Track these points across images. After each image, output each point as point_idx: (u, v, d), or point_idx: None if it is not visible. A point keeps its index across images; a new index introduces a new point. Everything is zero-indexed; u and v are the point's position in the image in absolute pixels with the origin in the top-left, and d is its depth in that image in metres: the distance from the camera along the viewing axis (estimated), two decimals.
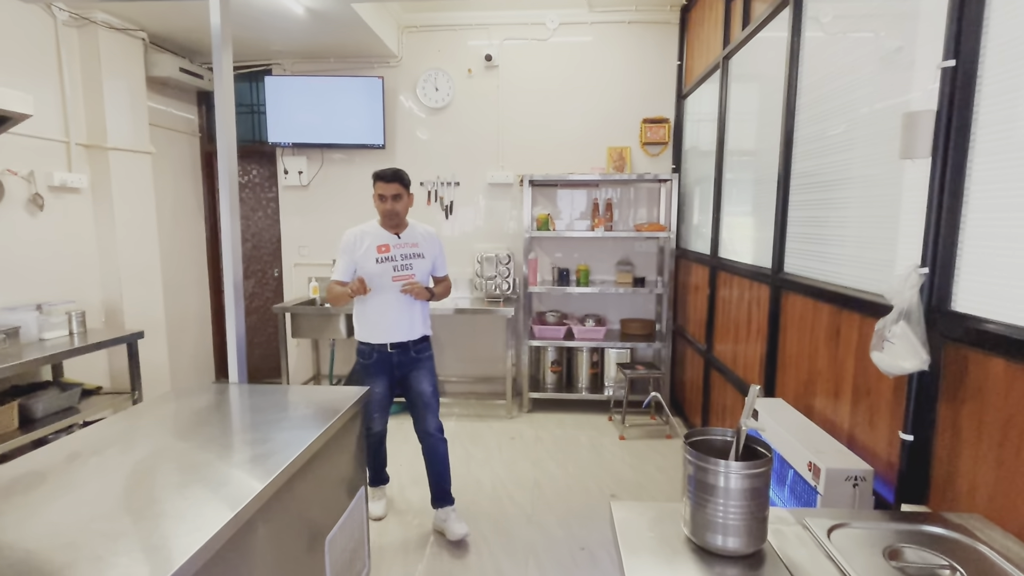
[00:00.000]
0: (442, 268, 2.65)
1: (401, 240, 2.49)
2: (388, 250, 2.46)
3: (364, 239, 2.45)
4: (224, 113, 1.98)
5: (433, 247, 2.57)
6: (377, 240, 2.46)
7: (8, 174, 2.84)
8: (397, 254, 2.47)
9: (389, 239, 2.47)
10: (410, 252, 2.49)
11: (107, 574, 0.94)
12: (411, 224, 2.56)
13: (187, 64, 3.93)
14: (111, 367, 3.47)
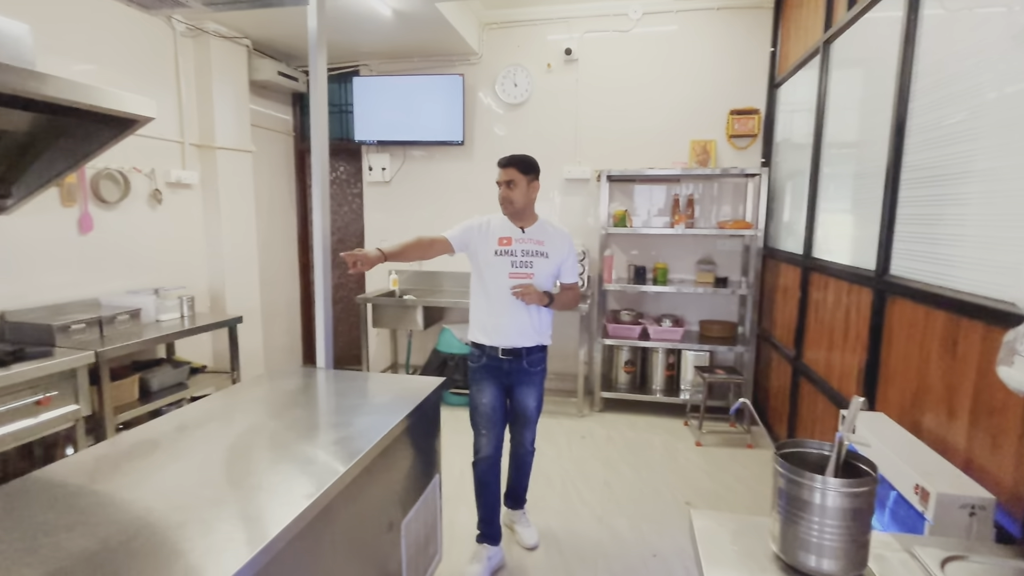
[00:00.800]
0: (571, 274, 2.32)
1: (525, 235, 2.24)
2: (509, 243, 2.22)
3: (490, 225, 2.27)
4: (318, 112, 2.09)
5: (561, 248, 2.26)
6: (501, 231, 2.24)
7: (134, 172, 3.17)
8: (518, 249, 2.22)
9: (513, 231, 2.24)
10: (533, 249, 2.22)
11: (212, 536, 1.02)
12: (541, 221, 2.30)
13: (284, 68, 4.20)
14: (214, 348, 3.79)
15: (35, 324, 2.49)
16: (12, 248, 2.60)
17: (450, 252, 2.31)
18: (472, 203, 4.41)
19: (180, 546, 0.99)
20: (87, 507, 1.14)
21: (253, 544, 0.99)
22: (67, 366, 2.29)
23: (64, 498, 1.18)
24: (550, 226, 2.32)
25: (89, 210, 2.94)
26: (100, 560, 0.96)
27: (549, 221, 2.34)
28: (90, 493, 1.21)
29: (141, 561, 0.95)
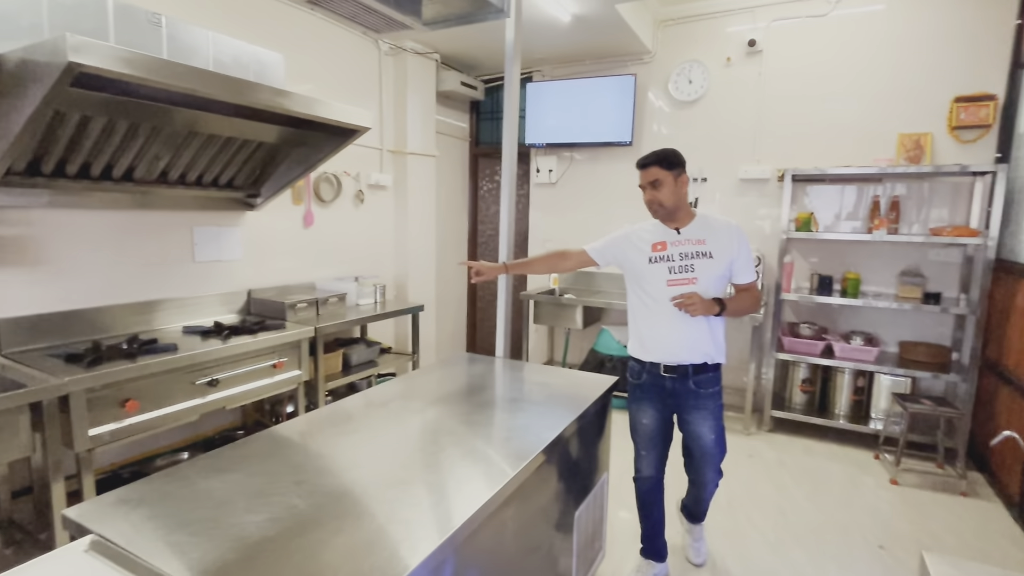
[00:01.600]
0: (745, 273, 2.02)
1: (681, 236, 1.99)
2: (664, 248, 1.99)
3: (642, 235, 2.06)
4: (510, 115, 2.23)
5: (729, 245, 1.97)
6: (653, 236, 2.02)
7: (344, 175, 3.67)
8: (675, 253, 1.98)
9: (667, 235, 2.00)
10: (692, 250, 1.96)
11: (405, 514, 1.15)
12: (700, 216, 2.03)
13: (466, 78, 4.53)
14: (396, 332, 4.23)
15: (272, 301, 3.01)
16: (257, 238, 3.17)
17: (592, 265, 2.22)
18: (637, 205, 4.33)
19: (377, 514, 1.13)
20: (327, 458, 1.35)
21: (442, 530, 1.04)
22: (295, 338, 2.74)
23: (309, 448, 1.42)
24: (713, 220, 2.03)
25: (311, 208, 3.47)
26: (337, 500, 1.13)
27: (710, 215, 2.06)
28: (321, 448, 1.43)
29: (372, 507, 1.11)
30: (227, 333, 2.56)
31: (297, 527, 1.05)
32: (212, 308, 2.94)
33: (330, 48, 3.50)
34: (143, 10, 2.16)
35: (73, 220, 2.36)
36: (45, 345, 2.28)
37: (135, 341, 2.35)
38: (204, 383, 2.34)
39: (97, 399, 1.99)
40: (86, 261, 2.42)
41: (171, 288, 2.76)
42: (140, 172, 2.43)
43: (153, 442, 2.70)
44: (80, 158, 2.19)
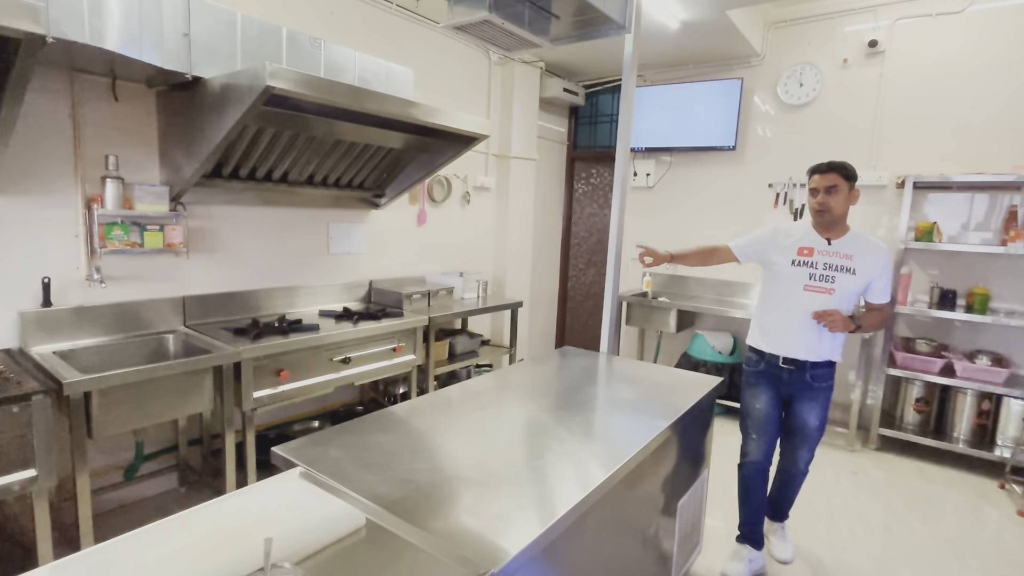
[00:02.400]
0: (882, 293, 2.12)
1: (831, 247, 2.09)
2: (811, 254, 2.10)
3: (791, 234, 2.17)
4: (624, 122, 2.35)
5: (873, 265, 2.06)
6: (802, 241, 2.13)
7: (454, 178, 3.95)
8: (820, 261, 2.08)
9: (816, 243, 2.11)
10: (838, 263, 2.06)
11: (509, 500, 1.30)
12: (852, 233, 2.12)
13: (568, 84, 4.69)
14: (492, 325, 4.47)
15: (391, 291, 3.33)
16: (380, 234, 3.51)
17: (734, 261, 2.35)
18: (738, 210, 4.29)
19: (480, 497, 1.29)
20: (443, 435, 1.55)
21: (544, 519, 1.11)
22: (411, 325, 3.02)
23: (425, 426, 1.63)
24: (863, 239, 2.12)
25: (425, 207, 3.77)
26: (459, 479, 1.31)
27: (862, 234, 2.14)
28: (442, 430, 1.63)
29: (474, 489, 1.28)
30: (356, 318, 2.88)
31: (455, 477, 1.24)
32: (340, 295, 3.30)
33: (447, 60, 3.79)
34: (307, 35, 2.51)
35: (239, 215, 2.77)
36: (216, 320, 2.70)
37: (284, 320, 2.71)
38: (339, 360, 2.66)
39: (259, 367, 2.35)
40: (247, 250, 2.83)
41: (309, 276, 3.14)
42: (293, 175, 2.81)
43: (289, 411, 3.09)
44: (250, 163, 2.57)
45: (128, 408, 1.97)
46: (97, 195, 2.22)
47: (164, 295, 2.51)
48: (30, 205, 2.11)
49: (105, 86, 2.26)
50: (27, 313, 2.11)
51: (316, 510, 1.10)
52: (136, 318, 2.43)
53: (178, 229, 2.44)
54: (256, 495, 1.15)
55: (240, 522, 1.05)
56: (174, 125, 2.37)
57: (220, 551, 0.96)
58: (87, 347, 2.23)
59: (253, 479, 2.41)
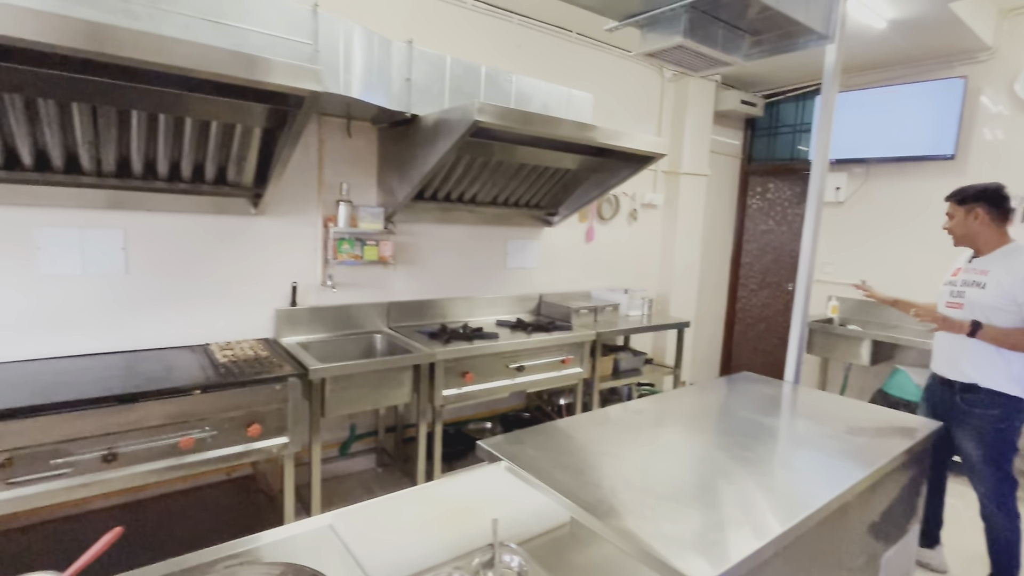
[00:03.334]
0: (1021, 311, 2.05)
1: (972, 264, 2.22)
2: (957, 273, 2.29)
3: (957, 261, 2.36)
4: (823, 134, 2.20)
5: (1006, 279, 2.06)
6: (958, 262, 2.33)
7: (623, 195, 4.00)
8: (959, 279, 2.25)
9: (963, 264, 2.28)
10: (971, 279, 2.18)
11: (683, 526, 1.27)
12: (1005, 249, 2.16)
13: (746, 95, 4.47)
14: (653, 344, 4.40)
15: (559, 305, 3.47)
16: (550, 250, 3.68)
17: None
18: None
19: (675, 513, 1.27)
20: (624, 450, 1.58)
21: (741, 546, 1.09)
22: (580, 339, 3.12)
23: (603, 439, 1.66)
24: (1009, 254, 2.12)
25: (593, 225, 3.88)
26: (647, 493, 1.32)
27: (1017, 248, 2.14)
28: (615, 442, 1.66)
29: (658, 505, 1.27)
30: (530, 329, 3.06)
31: (643, 490, 1.29)
32: (512, 306, 3.53)
33: (621, 80, 3.87)
34: (502, 71, 2.77)
35: (433, 232, 3.13)
36: (411, 323, 3.08)
37: (467, 327, 2.99)
38: (514, 368, 2.85)
39: (449, 368, 2.62)
40: (438, 263, 3.18)
41: (486, 288, 3.41)
42: (480, 196, 3.10)
43: (465, 411, 3.38)
44: (447, 187, 2.90)
45: (350, 394, 2.34)
46: (332, 216, 2.69)
47: (374, 300, 2.94)
48: (286, 224, 2.63)
49: (341, 125, 2.73)
50: (280, 311, 2.63)
51: (525, 501, 1.23)
52: (352, 318, 2.87)
53: (389, 244, 2.84)
54: (472, 481, 1.32)
55: (464, 502, 1.21)
56: (390, 156, 2.77)
57: (452, 524, 1.12)
58: (318, 340, 2.70)
59: (439, 467, 2.69)
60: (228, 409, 1.99)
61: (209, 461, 1.95)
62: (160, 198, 2.28)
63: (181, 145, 2.10)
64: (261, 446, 2.06)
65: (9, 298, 2.07)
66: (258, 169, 2.34)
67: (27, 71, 1.62)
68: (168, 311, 2.38)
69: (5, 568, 1.98)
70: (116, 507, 2.35)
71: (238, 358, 2.24)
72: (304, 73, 1.74)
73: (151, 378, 1.99)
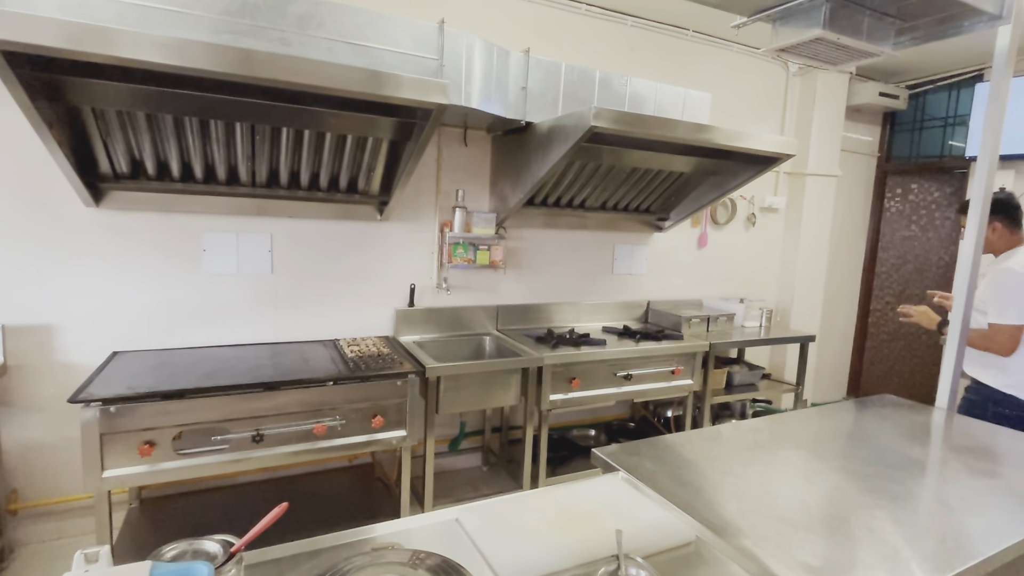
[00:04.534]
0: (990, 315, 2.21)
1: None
2: None
3: None
4: (993, 127, 1.93)
5: (987, 285, 2.26)
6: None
7: (740, 199, 3.77)
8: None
9: None
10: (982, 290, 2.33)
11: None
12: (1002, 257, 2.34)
13: (885, 87, 4.04)
14: (771, 358, 4.10)
15: (669, 313, 3.35)
16: (659, 256, 3.57)
17: None
18: None
19: (810, 544, 1.14)
20: (746, 471, 1.46)
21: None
22: (692, 349, 2.98)
23: (721, 458, 1.56)
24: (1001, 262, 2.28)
25: (707, 230, 3.70)
26: (768, 513, 1.21)
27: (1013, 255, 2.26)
28: (735, 461, 1.54)
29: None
30: (638, 336, 2.99)
31: (772, 516, 1.20)
32: (619, 313, 3.46)
33: (741, 76, 3.66)
34: (615, 75, 2.74)
35: (541, 237, 3.16)
36: (519, 327, 3.13)
37: (574, 333, 2.98)
38: (622, 376, 2.79)
39: (556, 373, 2.63)
40: (545, 268, 3.20)
41: (593, 293, 3.38)
42: (589, 201, 3.08)
43: (570, 416, 3.37)
44: (557, 192, 2.92)
45: (462, 393, 2.43)
46: (448, 221, 2.82)
47: (484, 303, 3.03)
48: (407, 229, 2.79)
49: (458, 135, 2.85)
50: (400, 311, 2.79)
51: (646, 515, 1.19)
52: (463, 320, 2.98)
53: (499, 249, 2.92)
54: (590, 489, 1.31)
55: (584, 509, 1.20)
56: (503, 163, 2.84)
57: (575, 530, 1.12)
58: (432, 340, 2.83)
59: (543, 471, 2.71)
60: (355, 401, 2.15)
61: (338, 448, 2.11)
62: (300, 206, 2.53)
63: (321, 158, 2.31)
64: (382, 437, 2.20)
65: (184, 294, 2.40)
66: (384, 179, 2.51)
67: (200, 96, 1.87)
68: (304, 308, 2.62)
69: (178, 525, 2.29)
70: (259, 483, 2.63)
71: (364, 354, 2.41)
72: (432, 87, 1.84)
73: (291, 369, 2.20)
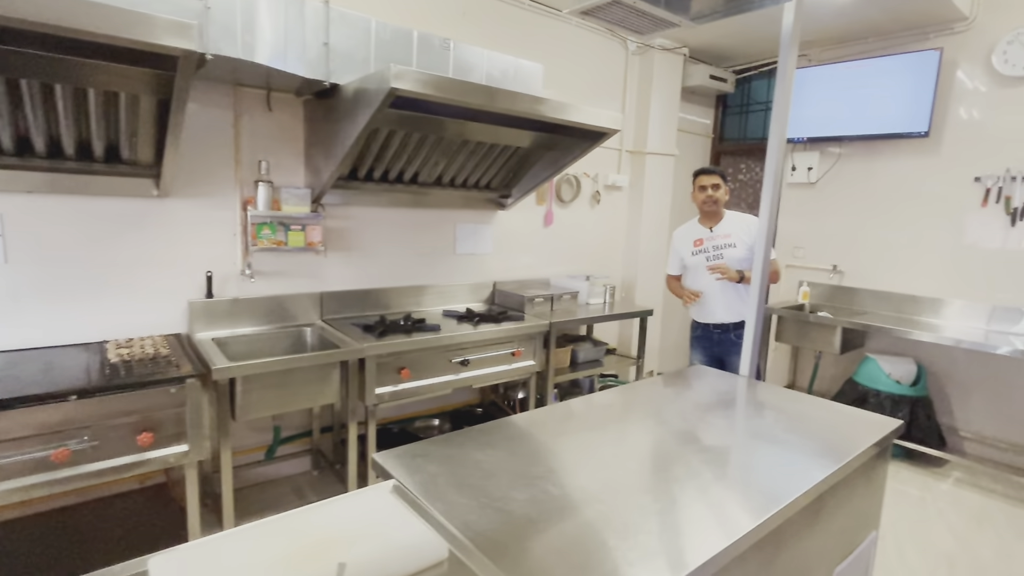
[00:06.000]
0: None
1: (713, 233, 2.90)
2: (701, 244, 2.91)
3: (686, 235, 2.97)
4: (781, 109, 2.00)
5: (748, 234, 2.81)
6: (693, 235, 2.94)
7: (584, 176, 3.77)
8: (709, 246, 2.88)
9: (703, 234, 2.92)
10: (721, 243, 2.86)
11: (633, 547, 1.08)
12: (726, 216, 2.92)
13: (715, 70, 4.25)
14: (619, 334, 4.22)
15: (513, 294, 3.26)
16: (505, 235, 3.46)
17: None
18: (931, 212, 3.54)
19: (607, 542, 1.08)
20: (551, 464, 1.38)
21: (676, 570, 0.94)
22: (532, 330, 2.91)
23: (541, 447, 1.47)
24: (738, 218, 2.92)
25: (552, 208, 3.65)
26: (564, 514, 1.13)
27: (736, 214, 2.94)
28: (553, 451, 1.46)
29: (590, 534, 1.08)
30: (477, 320, 2.85)
31: (554, 511, 1.09)
32: (464, 296, 3.31)
33: (581, 52, 3.63)
34: (437, 37, 2.52)
35: (372, 216, 2.89)
36: (349, 315, 2.85)
37: (408, 319, 2.77)
38: (458, 362, 2.64)
39: (382, 364, 2.41)
40: (379, 249, 2.94)
41: (435, 276, 3.19)
42: (423, 176, 2.86)
43: (414, 406, 3.17)
44: (383, 165, 2.66)
45: (266, 395, 2.12)
46: (251, 197, 2.44)
47: (305, 290, 2.70)
48: (199, 207, 2.37)
49: (261, 97, 2.47)
50: (194, 303, 2.39)
51: (399, 533, 1.02)
52: (281, 311, 2.63)
53: (317, 229, 2.60)
54: (343, 508, 1.11)
55: (330, 534, 1.00)
56: (316, 131, 2.52)
57: (306, 564, 0.91)
58: (240, 335, 2.46)
59: (372, 471, 2.48)
60: (113, 416, 1.76)
61: (88, 475, 1.72)
62: (40, 178, 2.02)
63: (56, 117, 1.84)
64: (154, 456, 1.84)
65: None
66: (157, 146, 2.08)
67: None
68: (59, 305, 2.12)
69: None
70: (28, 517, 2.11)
71: (133, 357, 2.00)
72: (170, 28, 1.48)
73: (24, 383, 1.75)
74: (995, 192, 3.29)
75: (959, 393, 3.47)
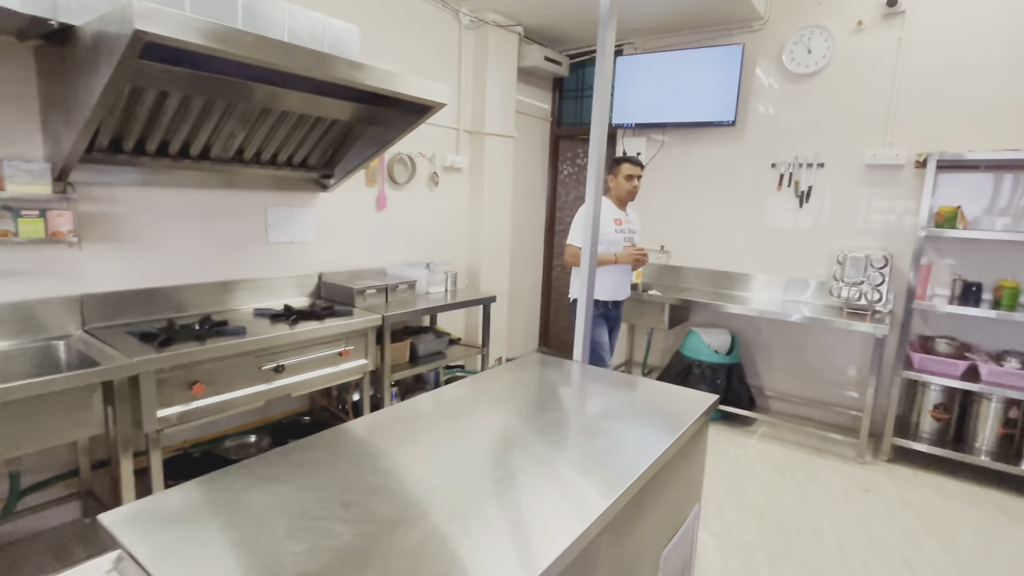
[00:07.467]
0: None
1: (627, 216, 3.14)
2: (622, 223, 3.06)
3: (607, 213, 2.98)
4: (602, 91, 1.94)
5: (639, 224, 3.27)
6: (614, 214, 3.06)
7: (419, 156, 3.52)
8: (627, 227, 3.10)
9: (621, 215, 3.09)
10: (634, 227, 3.16)
11: (481, 545, 0.92)
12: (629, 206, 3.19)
13: (550, 53, 4.24)
14: (466, 322, 4.08)
15: (341, 286, 2.93)
16: (330, 221, 3.09)
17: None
18: (739, 195, 3.89)
19: (458, 546, 0.91)
20: (386, 471, 1.16)
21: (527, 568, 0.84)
22: (362, 326, 2.62)
23: (368, 457, 1.24)
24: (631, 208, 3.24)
25: (385, 190, 3.36)
26: (401, 530, 0.93)
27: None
28: (388, 457, 1.24)
29: (431, 542, 0.89)
30: (295, 318, 2.48)
31: (337, 564, 0.86)
32: (284, 290, 2.89)
33: (408, 22, 3.35)
34: None
35: (154, 198, 2.36)
36: (125, 321, 2.30)
37: (207, 322, 2.32)
38: (270, 369, 2.27)
39: (166, 380, 1.96)
40: (166, 239, 2.42)
41: (245, 269, 2.73)
42: (216, 150, 2.39)
43: (224, 423, 2.71)
44: (159, 135, 2.16)
45: None
46: None
47: (55, 294, 2.11)
48: None
49: None
50: None
51: None
52: (21, 321, 2.03)
53: (65, 215, 2.03)
54: None
55: None
56: (54, 88, 1.94)
57: None
58: None
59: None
60: None
61: None
62: None
63: None
64: None
65: None
66: None
67: None
68: None
69: None
70: None
71: None
72: None
73: None
74: (787, 177, 3.71)
75: (764, 357, 3.90)
